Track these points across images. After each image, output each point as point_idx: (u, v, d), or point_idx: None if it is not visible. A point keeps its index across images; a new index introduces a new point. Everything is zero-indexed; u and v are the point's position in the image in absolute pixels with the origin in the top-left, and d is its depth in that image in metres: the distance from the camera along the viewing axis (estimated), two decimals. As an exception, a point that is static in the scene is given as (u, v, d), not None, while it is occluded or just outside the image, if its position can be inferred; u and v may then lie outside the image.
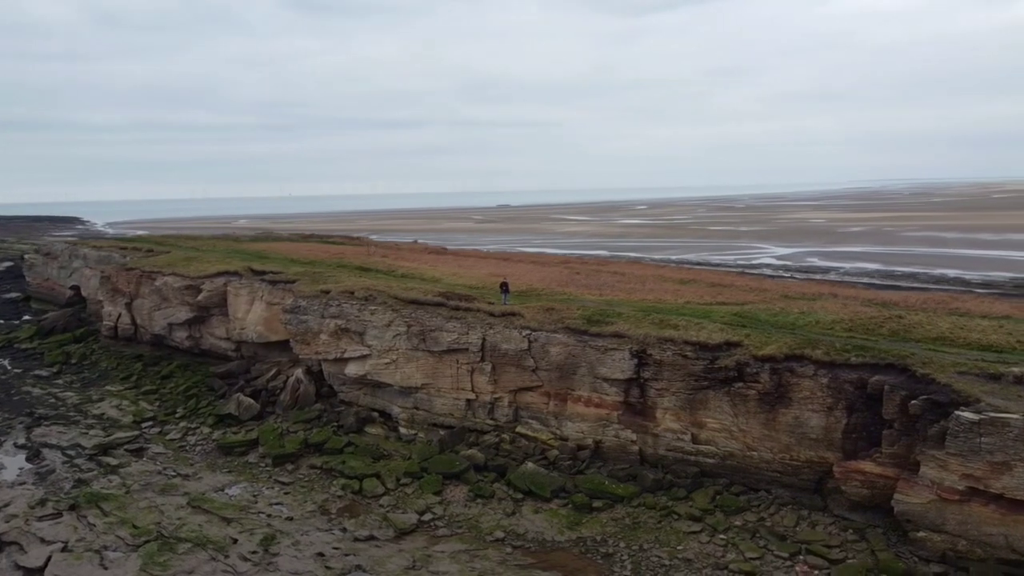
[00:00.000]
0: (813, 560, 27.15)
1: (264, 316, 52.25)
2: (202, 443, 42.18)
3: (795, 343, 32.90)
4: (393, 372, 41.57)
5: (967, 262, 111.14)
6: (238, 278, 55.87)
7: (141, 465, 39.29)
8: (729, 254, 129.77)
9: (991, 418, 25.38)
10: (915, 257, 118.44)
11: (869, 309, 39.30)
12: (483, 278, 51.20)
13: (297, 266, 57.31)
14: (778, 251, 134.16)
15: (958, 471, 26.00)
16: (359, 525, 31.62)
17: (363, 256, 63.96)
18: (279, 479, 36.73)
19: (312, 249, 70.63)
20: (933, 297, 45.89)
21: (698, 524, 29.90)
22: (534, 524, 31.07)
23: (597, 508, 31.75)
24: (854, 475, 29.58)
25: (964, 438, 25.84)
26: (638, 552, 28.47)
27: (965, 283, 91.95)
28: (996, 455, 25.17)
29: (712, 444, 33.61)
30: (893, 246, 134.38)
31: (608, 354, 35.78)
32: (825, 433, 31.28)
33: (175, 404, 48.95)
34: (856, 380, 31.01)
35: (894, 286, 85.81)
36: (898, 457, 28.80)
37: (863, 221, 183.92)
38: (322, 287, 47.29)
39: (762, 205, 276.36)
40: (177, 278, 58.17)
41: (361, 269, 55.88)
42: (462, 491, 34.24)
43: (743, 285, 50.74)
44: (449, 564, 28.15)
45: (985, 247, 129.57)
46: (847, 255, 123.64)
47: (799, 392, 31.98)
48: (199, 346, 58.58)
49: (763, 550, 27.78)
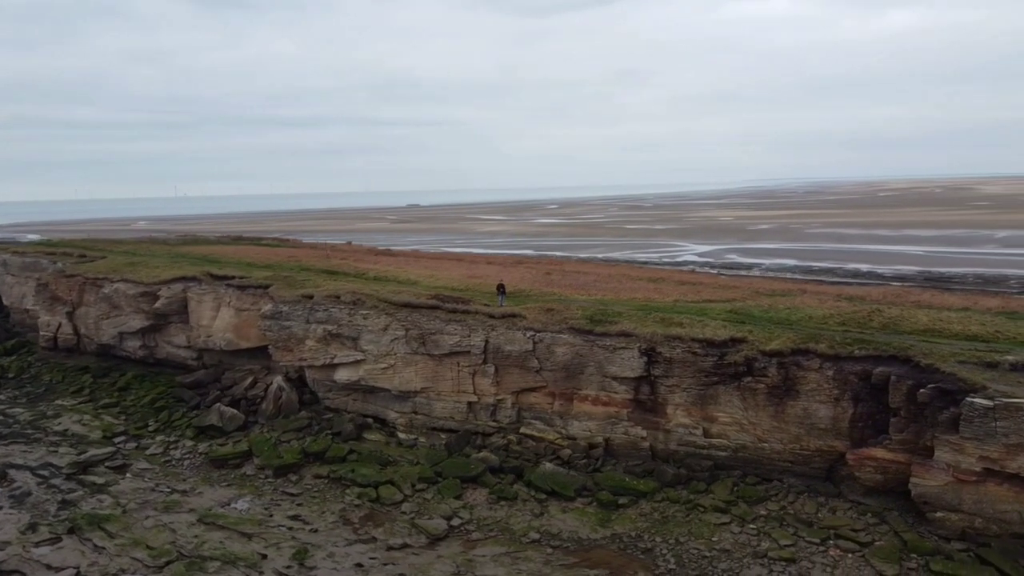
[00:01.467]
0: (844, 544, 28.64)
1: (233, 323, 50.53)
2: (189, 457, 40.51)
3: (799, 338, 34.52)
4: (391, 377, 41.06)
5: (875, 257, 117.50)
6: (197, 283, 53.79)
7: (130, 482, 37.44)
8: (652, 252, 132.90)
9: (1005, 403, 27.46)
10: (826, 253, 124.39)
11: (845, 304, 41.54)
12: (461, 279, 51.16)
13: (259, 270, 55.60)
14: (698, 248, 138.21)
15: (975, 454, 28.00)
16: (388, 533, 31.23)
17: (322, 259, 62.64)
18: (286, 491, 35.77)
19: (261, 252, 68.55)
20: (889, 291, 48.86)
21: (726, 515, 31.01)
22: (566, 523, 31.48)
23: (623, 505, 32.44)
24: (867, 462, 31.37)
25: (979, 423, 27.85)
26: (676, 546, 29.32)
27: (880, 277, 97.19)
28: (1011, 438, 27.26)
29: (724, 437, 34.86)
30: (802, 243, 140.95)
31: (617, 353, 36.53)
32: (833, 423, 33.00)
33: (144, 417, 46.76)
34: (860, 372, 32.83)
35: (817, 280, 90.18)
36: (908, 443, 30.71)
37: (769, 219, 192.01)
38: (303, 292, 46.16)
39: (669, 204, 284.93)
40: (130, 284, 55.45)
41: (328, 272, 54.73)
42: (482, 494, 34.27)
43: (712, 283, 52.64)
44: (495, 568, 28.24)
45: (885, 242, 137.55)
46: (764, 252, 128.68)
47: (806, 385, 33.59)
48: (154, 356, 56.01)
49: (795, 537, 29.11)
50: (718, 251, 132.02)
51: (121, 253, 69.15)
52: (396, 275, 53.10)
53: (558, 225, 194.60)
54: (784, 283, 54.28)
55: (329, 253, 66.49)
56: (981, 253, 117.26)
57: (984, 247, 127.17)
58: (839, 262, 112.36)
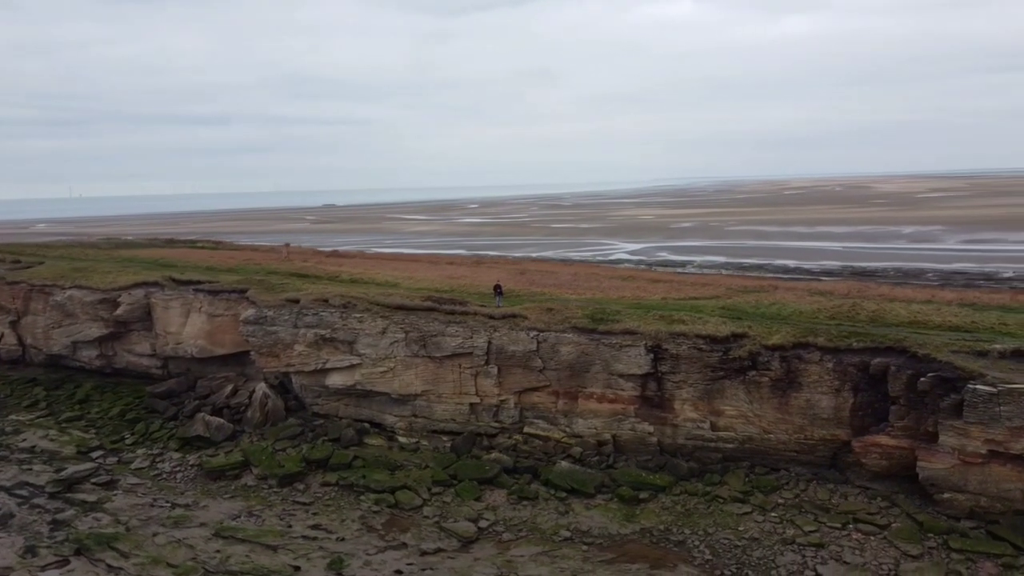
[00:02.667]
0: (864, 527, 30.16)
1: (206, 329, 48.85)
2: (180, 469, 39.00)
3: (798, 332, 36.05)
4: (390, 380, 40.61)
5: (799, 253, 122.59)
6: (160, 289, 51.77)
7: (125, 499, 35.79)
8: (585, 251, 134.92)
9: (1008, 389, 29.51)
10: (752, 250, 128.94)
11: (822, 299, 43.52)
12: (442, 280, 50.97)
13: (224, 274, 53.89)
14: (628, 247, 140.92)
15: (980, 437, 29.95)
16: (417, 538, 31.00)
17: (282, 261, 61.11)
18: (297, 500, 34.95)
19: (214, 256, 66.30)
20: (852, 286, 51.35)
21: (746, 505, 32.15)
22: (593, 520, 31.96)
23: (644, 499, 33.17)
24: (873, 449, 33.09)
25: (984, 408, 29.82)
26: (706, 537, 30.25)
27: (809, 272, 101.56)
28: (1014, 421, 29.30)
29: (731, 430, 36.06)
30: (726, 240, 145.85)
31: (624, 351, 37.26)
32: (835, 413, 34.63)
33: (117, 430, 44.70)
34: (858, 363, 34.55)
35: (755, 276, 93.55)
36: (909, 429, 32.55)
37: (688, 217, 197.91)
38: (286, 296, 45.08)
39: (589, 203, 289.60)
40: (86, 291, 52.82)
41: (299, 276, 53.49)
42: (501, 495, 34.39)
43: (685, 281, 54.13)
44: (536, 568, 28.47)
45: (804, 239, 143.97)
46: (692, 249, 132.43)
47: (808, 377, 35.12)
48: (112, 365, 53.56)
49: (817, 523, 30.47)
50: (648, 249, 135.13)
51: (59, 258, 65.63)
52: (372, 277, 52.39)
53: (486, 224, 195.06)
54: (756, 280, 56.27)
55: (288, 255, 64.89)
56: (894, 248, 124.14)
57: (894, 242, 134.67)
58: (767, 259, 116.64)
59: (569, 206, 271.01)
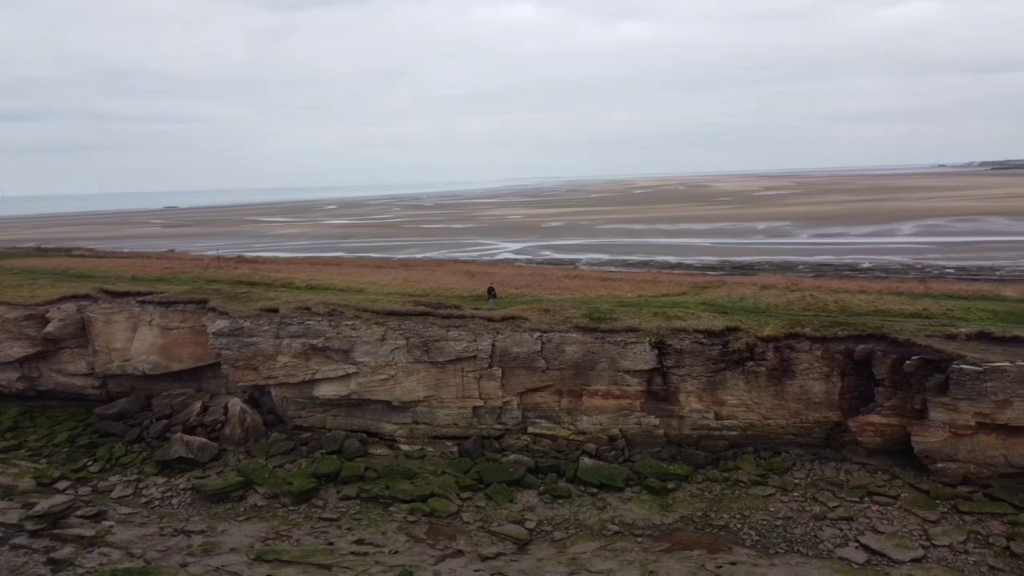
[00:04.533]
0: (879, 499, 33.09)
1: (160, 343, 45.63)
2: (172, 494, 36.41)
3: (787, 324, 38.83)
4: (391, 388, 39.78)
5: (675, 249, 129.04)
6: (94, 302, 47.81)
7: (127, 530, 33.04)
8: (471, 251, 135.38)
9: (992, 367, 33.38)
10: (629, 247, 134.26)
11: (775, 291, 46.72)
12: (405, 284, 50.09)
13: (164, 284, 50.44)
14: (511, 246, 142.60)
15: (969, 411, 33.66)
16: (471, 544, 30.86)
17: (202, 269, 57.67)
18: (322, 517, 33.69)
19: (122, 264, 61.54)
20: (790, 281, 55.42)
21: (767, 488, 34.34)
22: (633, 513, 33.04)
23: (671, 489, 34.64)
24: (867, 427, 36.30)
25: (971, 385, 33.57)
26: (744, 519, 32.11)
27: (691, 267, 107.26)
28: (999, 395, 33.19)
29: (734, 418, 38.29)
30: (600, 238, 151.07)
31: (629, 348, 38.61)
32: (826, 396, 37.68)
33: (73, 458, 40.97)
34: (844, 350, 37.78)
35: (683, 273, 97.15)
36: (897, 408, 36.03)
37: (555, 216, 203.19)
38: (261, 305, 42.99)
39: (449, 203, 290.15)
40: (6, 307, 47.75)
41: (248, 284, 50.92)
42: (531, 495, 34.76)
43: (631, 279, 56.21)
44: (603, 563, 29.18)
45: (672, 236, 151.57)
46: (575, 247, 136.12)
47: (800, 365, 37.97)
48: (36, 388, 48.84)
49: (838, 498, 33.09)
50: (531, 248, 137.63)
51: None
52: (329, 283, 50.63)
53: (356, 225, 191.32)
54: (704, 277, 59.19)
55: (210, 264, 61.35)
56: (758, 243, 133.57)
57: (754, 237, 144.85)
58: (648, 255, 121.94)
59: (431, 207, 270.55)
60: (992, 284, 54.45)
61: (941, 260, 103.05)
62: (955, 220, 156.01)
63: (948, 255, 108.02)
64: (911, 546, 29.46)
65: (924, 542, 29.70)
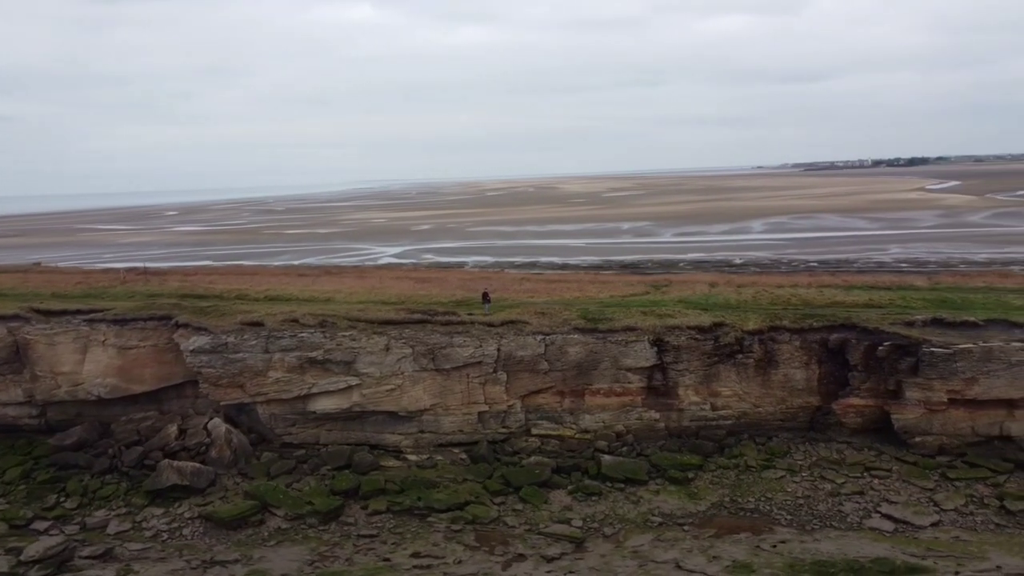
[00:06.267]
0: (877, 473, 36.37)
1: (117, 364, 42.07)
2: (180, 525, 33.93)
3: (767, 317, 41.75)
4: (398, 398, 38.92)
5: (555, 250, 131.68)
6: (27, 323, 43.35)
7: (151, 567, 30.53)
8: (347, 255, 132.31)
9: (960, 349, 37.62)
10: (508, 248, 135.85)
11: (728, 288, 49.88)
12: (368, 291, 48.77)
13: (104, 301, 46.41)
14: (389, 250, 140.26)
15: (942, 389, 37.71)
16: (529, 547, 31.10)
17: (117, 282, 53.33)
18: (361, 534, 32.68)
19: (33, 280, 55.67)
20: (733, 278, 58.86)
21: (777, 471, 36.82)
22: (666, 504, 34.44)
23: (691, 479, 36.36)
24: (849, 409, 39.75)
25: (943, 365, 37.66)
26: (769, 501, 34.35)
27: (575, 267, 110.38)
28: (967, 373, 37.44)
29: (728, 408, 40.63)
30: (476, 240, 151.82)
31: (631, 346, 40.04)
32: (807, 383, 40.90)
33: (35, 495, 37.08)
34: (819, 340, 41.21)
35: (612, 274, 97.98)
36: (873, 390, 39.73)
37: (421, 219, 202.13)
38: (241, 319, 40.68)
39: (304, 207, 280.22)
40: (-77, 333, 42.18)
41: (197, 297, 47.74)
42: (560, 495, 35.35)
43: (580, 280, 57.84)
44: (666, 553, 30.33)
45: (544, 237, 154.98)
46: (455, 250, 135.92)
47: (782, 355, 40.97)
48: (-44, 421, 43.42)
49: (843, 476, 36.06)
50: (411, 251, 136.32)
51: None
52: (288, 294, 48.32)
53: (211, 232, 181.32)
54: (654, 277, 61.48)
55: (127, 277, 56.75)
56: (631, 243, 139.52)
57: (623, 237, 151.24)
58: (531, 256, 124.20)
59: (283, 211, 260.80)
60: (900, 275, 60.77)
61: (802, 255, 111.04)
62: (796, 218, 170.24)
63: (804, 250, 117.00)
64: (927, 512, 32.85)
65: (935, 508, 33.15)
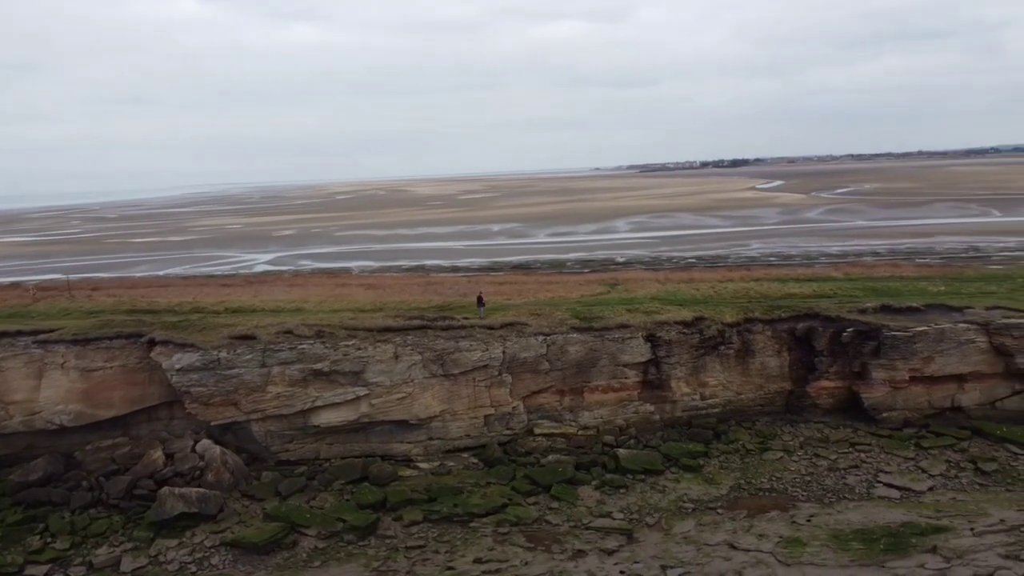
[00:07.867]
0: (862, 448, 39.66)
1: (81, 389, 38.37)
2: (206, 555, 31.53)
3: (741, 310, 44.44)
4: (408, 406, 38.01)
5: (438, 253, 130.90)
6: (-39, 348, 38.66)
7: (196, 603, 28.16)
8: (219, 264, 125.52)
9: (919, 331, 41.82)
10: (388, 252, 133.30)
11: (684, 285, 52.40)
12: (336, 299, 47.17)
13: (56, 320, 42.06)
14: (261, 257, 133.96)
15: (904, 368, 41.74)
16: (585, 543, 31.51)
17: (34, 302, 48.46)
18: (408, 545, 31.78)
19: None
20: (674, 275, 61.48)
21: (774, 452, 39.24)
22: (691, 490, 35.91)
23: (701, 465, 38.12)
24: (822, 391, 43.11)
25: (904, 347, 41.71)
26: (779, 481, 36.63)
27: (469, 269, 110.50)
28: (924, 352, 41.68)
29: (715, 397, 42.85)
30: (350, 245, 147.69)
31: (627, 343, 41.38)
32: (780, 370, 43.99)
33: (14, 538, 33.20)
34: (788, 329, 44.46)
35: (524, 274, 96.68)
36: (840, 373, 43.35)
37: (281, 225, 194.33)
38: (232, 333, 38.22)
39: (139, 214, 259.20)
40: None
41: (148, 312, 44.17)
42: (589, 490, 36.01)
43: (537, 281, 58.54)
44: (714, 535, 31.70)
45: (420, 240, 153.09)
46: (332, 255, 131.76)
47: (757, 345, 43.84)
48: None
49: (834, 452, 39.04)
50: (285, 258, 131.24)
51: None
52: (249, 305, 45.71)
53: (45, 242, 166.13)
54: (605, 275, 62.84)
55: (36, 294, 51.38)
56: (510, 244, 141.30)
57: (499, 238, 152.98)
58: (416, 260, 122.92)
59: (118, 219, 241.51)
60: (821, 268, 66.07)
61: (676, 252, 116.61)
62: (654, 217, 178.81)
63: (677, 247, 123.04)
64: (921, 479, 36.34)
65: (926, 475, 36.76)
